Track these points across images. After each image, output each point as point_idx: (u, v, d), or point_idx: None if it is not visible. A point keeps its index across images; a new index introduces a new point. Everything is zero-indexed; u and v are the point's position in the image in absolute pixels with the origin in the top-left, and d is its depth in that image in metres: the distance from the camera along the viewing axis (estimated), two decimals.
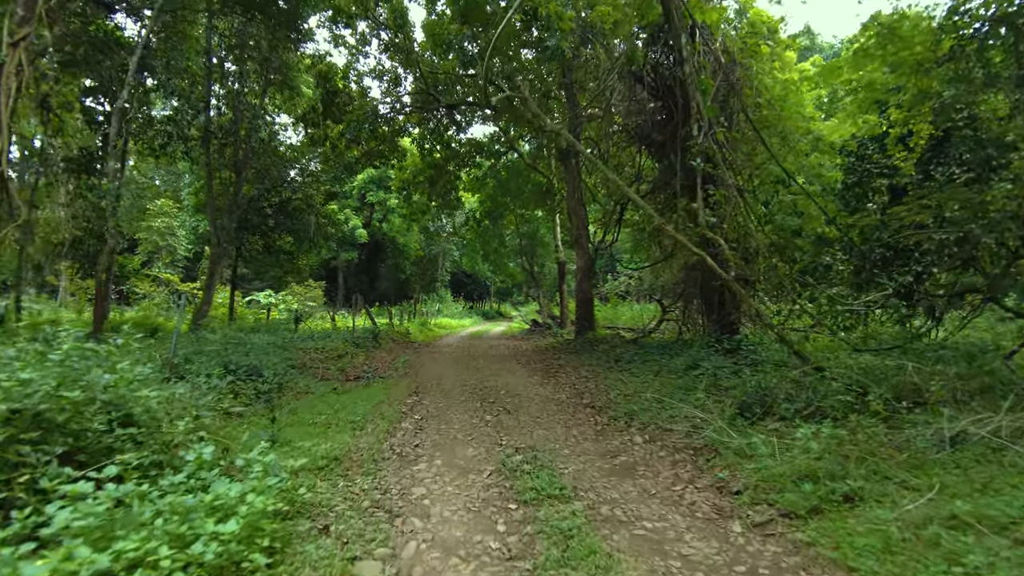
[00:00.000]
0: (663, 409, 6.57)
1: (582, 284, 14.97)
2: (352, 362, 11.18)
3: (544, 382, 9.19)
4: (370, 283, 39.88)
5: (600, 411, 6.83)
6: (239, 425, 5.59)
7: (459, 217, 29.14)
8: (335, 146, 18.83)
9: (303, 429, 5.43)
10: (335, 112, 17.74)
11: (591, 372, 10.00)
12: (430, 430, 5.62)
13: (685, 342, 11.24)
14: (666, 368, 9.16)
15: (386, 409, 6.38)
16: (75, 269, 16.33)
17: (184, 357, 7.12)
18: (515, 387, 8.52)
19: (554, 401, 7.46)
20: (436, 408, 6.72)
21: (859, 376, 6.03)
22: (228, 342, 7.80)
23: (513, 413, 6.51)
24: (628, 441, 5.48)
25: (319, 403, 6.76)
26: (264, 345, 10.04)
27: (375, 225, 34.89)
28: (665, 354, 10.34)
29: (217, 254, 15.15)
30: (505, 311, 49.61)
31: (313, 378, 8.71)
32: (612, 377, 9.17)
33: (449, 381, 9.07)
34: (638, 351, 11.43)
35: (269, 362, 8.08)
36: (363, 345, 13.52)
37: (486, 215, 24.64)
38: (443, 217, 28.03)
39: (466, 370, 10.60)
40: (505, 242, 26.14)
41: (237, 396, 6.47)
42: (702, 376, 7.98)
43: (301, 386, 7.82)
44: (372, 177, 33.49)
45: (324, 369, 9.38)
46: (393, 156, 20.10)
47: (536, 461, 4.54)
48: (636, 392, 7.71)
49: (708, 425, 5.72)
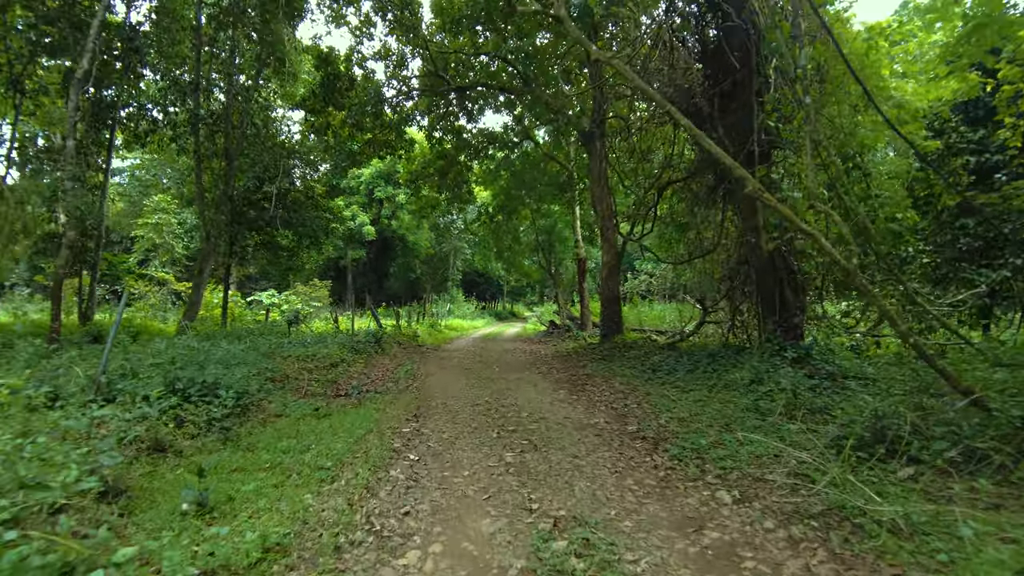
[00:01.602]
0: (740, 443, 4.95)
1: (608, 281, 13.33)
2: (347, 372, 9.66)
3: (573, 399, 7.58)
4: (379, 282, 38.55)
5: (655, 445, 5.20)
6: (168, 472, 4.07)
7: (471, 213, 27.63)
8: (338, 134, 17.42)
9: (253, 479, 3.88)
10: (337, 98, 16.31)
11: (627, 385, 8.38)
12: (429, 481, 4.03)
13: (736, 349, 9.57)
14: (722, 382, 7.53)
15: (373, 444, 4.81)
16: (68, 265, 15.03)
17: (130, 371, 5.64)
18: (539, 406, 6.92)
19: (591, 428, 5.85)
20: (439, 441, 5.14)
21: None
22: (189, 351, 6.30)
23: (541, 449, 4.91)
24: (710, 499, 3.85)
25: (289, 434, 5.22)
26: (242, 352, 8.57)
27: (384, 222, 33.49)
28: (715, 364, 8.71)
29: (207, 250, 13.77)
30: (518, 312, 48.06)
31: (294, 394, 7.20)
32: (656, 393, 7.54)
33: (458, 397, 7.50)
34: (678, 359, 9.80)
35: (239, 375, 6.58)
36: (364, 350, 12.01)
37: (499, 210, 23.08)
38: (454, 211, 26.51)
39: (478, 381, 9.02)
40: (520, 238, 24.54)
41: (182, 425, 4.95)
42: (773, 394, 6.35)
43: (275, 406, 6.30)
44: (380, 172, 32.11)
45: (309, 382, 7.87)
46: (400, 146, 18.63)
47: (588, 547, 2.94)
48: (693, 415, 6.10)
49: (816, 472, 4.10)
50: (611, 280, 13.30)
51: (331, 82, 16.07)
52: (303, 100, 16.67)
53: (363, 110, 14.81)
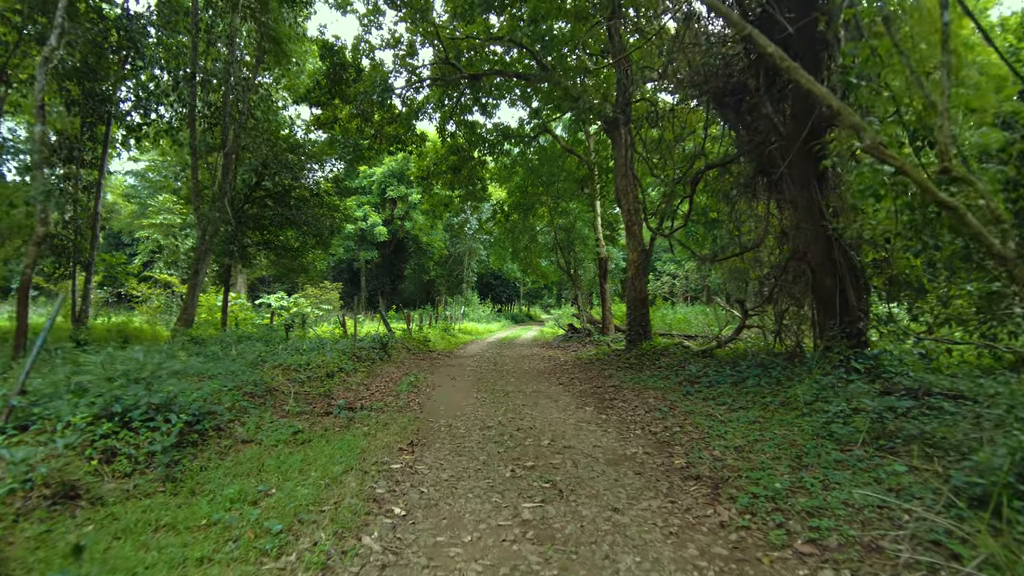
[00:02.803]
0: (825, 487, 3.78)
1: (635, 282, 12.11)
2: (344, 383, 8.61)
3: (602, 419, 6.41)
4: (393, 285, 37.73)
5: (715, 489, 4.02)
6: (72, 531, 3.02)
7: (485, 212, 26.57)
8: (345, 129, 16.51)
9: (174, 545, 2.81)
10: (343, 90, 15.39)
11: (663, 401, 7.19)
12: (416, 553, 2.91)
13: (785, 357, 8.30)
14: (777, 399, 6.34)
15: (349, 489, 3.72)
16: (52, 268, 14.31)
17: (67, 388, 4.64)
18: (562, 429, 5.78)
19: (628, 462, 4.69)
20: (437, 483, 4.02)
21: None
22: (137, 365, 5.27)
23: (568, 497, 3.76)
24: None
25: (249, 470, 4.15)
26: (229, 361, 7.58)
27: (396, 223, 32.63)
28: (766, 376, 7.48)
29: (202, 249, 12.89)
30: (535, 314, 46.91)
31: (276, 412, 6.15)
32: (699, 411, 6.35)
33: (466, 416, 6.38)
34: (718, 369, 8.59)
35: (207, 391, 5.56)
36: (366, 358, 10.98)
37: (515, 208, 21.97)
38: (468, 209, 25.47)
39: (491, 396, 7.90)
40: (537, 238, 23.39)
41: (112, 459, 3.92)
42: (847, 416, 5.16)
43: (246, 430, 5.25)
44: (392, 171, 31.25)
45: (296, 397, 6.81)
46: (411, 141, 17.66)
47: None
48: (752, 443, 4.91)
49: (957, 541, 2.92)
50: (638, 280, 12.08)
51: (337, 73, 15.16)
52: (308, 92, 15.80)
53: (369, 98, 13.83)
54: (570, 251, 21.53)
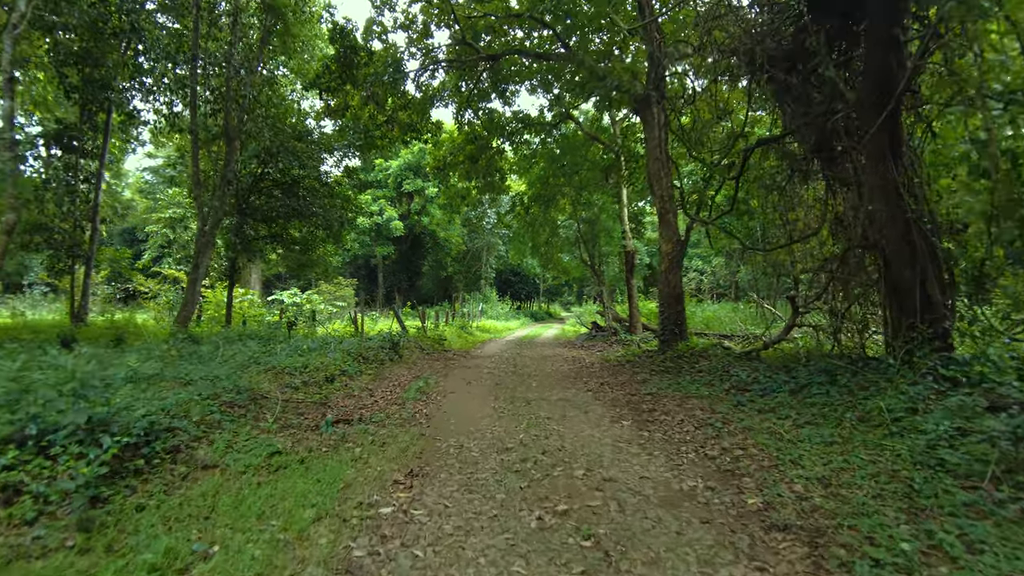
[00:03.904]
0: (971, 551, 2.67)
1: (668, 276, 10.94)
2: (346, 388, 7.66)
3: (643, 436, 5.31)
4: (410, 281, 36.96)
5: (813, 548, 2.90)
6: None
7: (504, 205, 25.52)
8: (357, 117, 15.62)
9: None
10: (354, 74, 14.48)
11: (711, 412, 6.06)
12: None
13: (850, 360, 7.03)
14: (853, 412, 5.19)
15: (319, 550, 2.70)
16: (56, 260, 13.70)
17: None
18: (597, 452, 4.69)
19: (689, 502, 3.59)
20: (438, 538, 2.98)
21: None
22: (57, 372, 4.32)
23: (618, 563, 2.70)
24: None
25: (196, 513, 3.18)
26: (218, 364, 6.70)
27: (413, 217, 31.75)
28: (833, 383, 6.29)
29: (203, 242, 12.11)
30: (555, 312, 45.75)
31: (256, 426, 5.20)
32: (759, 427, 5.22)
33: (481, 434, 5.34)
34: (769, 374, 7.40)
35: (172, 401, 4.64)
36: (374, 359, 10.04)
37: (535, 200, 20.85)
38: (485, 201, 24.42)
39: (511, 405, 6.84)
40: (558, 231, 22.24)
41: (13, 500, 2.98)
42: (950, 438, 4.03)
43: (213, 450, 4.29)
44: (409, 164, 30.38)
45: (285, 405, 5.85)
46: (427, 129, 16.70)
47: None
48: (838, 473, 3.86)
49: None
50: (672, 274, 10.90)
51: (348, 56, 14.24)
52: (317, 78, 14.93)
53: (380, 79, 12.88)
54: (594, 245, 20.34)
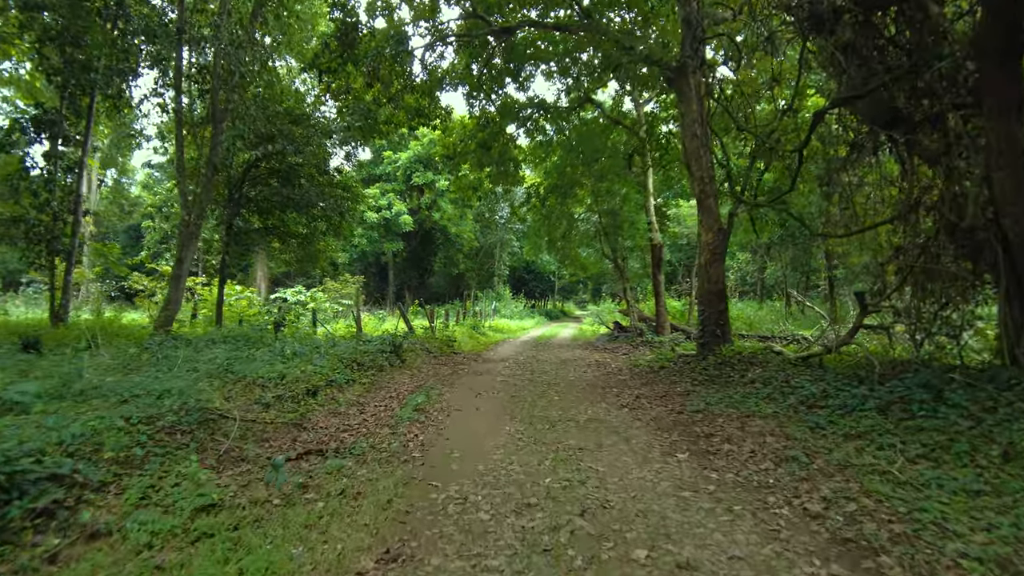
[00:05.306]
0: None
1: (710, 270, 9.50)
2: (331, 402, 6.38)
3: (712, 480, 3.92)
4: (421, 279, 35.77)
5: None
6: None
7: (518, 197, 24.14)
8: (359, 99, 14.39)
9: None
10: (355, 53, 13.24)
11: (787, 441, 4.66)
12: None
13: (946, 369, 5.54)
14: (988, 446, 3.77)
15: None
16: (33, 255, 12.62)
17: None
18: (657, 511, 3.31)
19: None
20: None
21: None
22: None
23: None
24: None
25: None
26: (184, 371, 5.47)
27: (423, 212, 30.49)
28: (939, 401, 4.87)
29: (186, 234, 10.95)
30: (569, 310, 44.27)
31: (205, 460, 3.92)
32: (859, 463, 3.86)
33: (491, 477, 3.98)
34: (840, 385, 5.99)
35: (77, 429, 3.39)
36: (371, 364, 8.77)
37: (551, 191, 19.44)
38: (499, 192, 23.05)
39: (530, 431, 5.47)
40: (577, 224, 20.82)
41: None
42: None
43: (123, 501, 3.02)
44: (418, 156, 29.14)
45: (245, 427, 4.57)
46: (435, 115, 15.43)
47: None
48: (1016, 543, 2.36)
49: None
50: (714, 268, 9.45)
51: (348, 33, 13.00)
52: (315, 57, 13.73)
53: (382, 53, 11.62)
54: (616, 238, 18.88)
